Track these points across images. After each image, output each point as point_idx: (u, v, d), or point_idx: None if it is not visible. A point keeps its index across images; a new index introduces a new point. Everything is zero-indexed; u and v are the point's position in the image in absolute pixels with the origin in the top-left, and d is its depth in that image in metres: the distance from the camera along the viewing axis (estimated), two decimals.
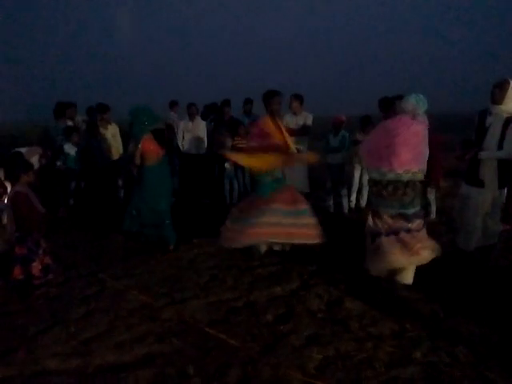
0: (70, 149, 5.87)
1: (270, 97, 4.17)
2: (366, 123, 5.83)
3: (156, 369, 2.47)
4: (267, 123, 4.11)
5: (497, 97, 3.54)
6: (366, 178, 5.92)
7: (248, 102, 7.03)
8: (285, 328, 2.88)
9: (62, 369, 2.50)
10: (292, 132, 5.79)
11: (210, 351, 2.62)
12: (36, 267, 3.35)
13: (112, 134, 6.31)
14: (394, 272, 3.43)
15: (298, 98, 5.85)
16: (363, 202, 6.03)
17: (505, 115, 3.49)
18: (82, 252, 4.50)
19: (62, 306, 3.28)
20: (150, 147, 4.37)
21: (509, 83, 3.48)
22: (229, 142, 6.34)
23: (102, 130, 6.18)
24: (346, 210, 5.87)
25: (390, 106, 6.24)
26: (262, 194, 4.09)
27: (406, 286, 3.43)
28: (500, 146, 3.51)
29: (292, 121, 5.85)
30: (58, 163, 5.84)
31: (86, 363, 2.54)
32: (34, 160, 5.13)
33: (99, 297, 3.42)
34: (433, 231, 4.98)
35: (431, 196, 5.37)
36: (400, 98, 5.40)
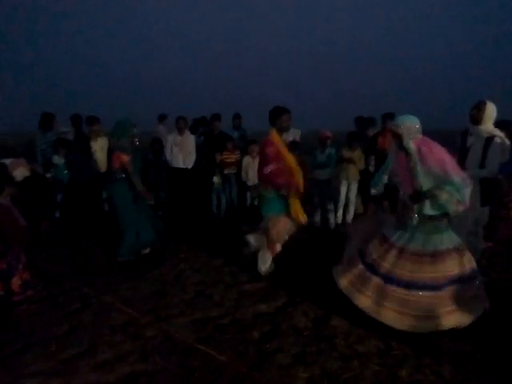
0: (59, 160, 5.82)
1: (280, 114, 3.93)
2: (353, 139, 5.91)
3: None
4: (278, 141, 3.93)
5: (475, 118, 3.65)
6: (352, 193, 5.98)
7: (237, 116, 7.08)
8: (271, 346, 2.85)
9: None
10: None
11: (195, 370, 2.58)
12: (16, 283, 3.27)
13: (101, 146, 6.26)
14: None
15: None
16: (349, 218, 6.06)
17: (485, 135, 3.59)
18: (65, 267, 4.41)
19: (42, 323, 3.20)
20: (120, 159, 4.45)
21: (485, 104, 3.60)
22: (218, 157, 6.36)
23: (91, 143, 6.13)
24: (333, 226, 5.89)
25: (364, 125, 6.44)
26: (279, 211, 3.98)
27: None
28: (482, 165, 3.59)
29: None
30: (48, 175, 5.77)
31: (67, 383, 2.47)
32: (18, 172, 5.06)
33: (82, 313, 3.35)
34: None
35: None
36: (391, 116, 5.52)
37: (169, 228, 5.99)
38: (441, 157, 2.90)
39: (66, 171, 5.86)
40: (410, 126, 2.96)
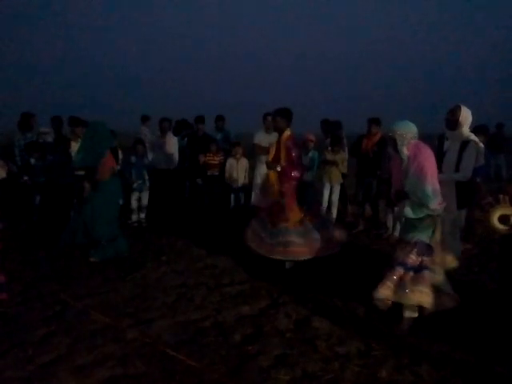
0: (36, 162, 5.69)
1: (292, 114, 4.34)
2: (336, 142, 5.97)
3: None
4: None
5: (450, 122, 3.73)
6: (335, 196, 6.05)
7: (220, 118, 7.08)
8: (253, 349, 2.85)
9: None
10: (265, 150, 5.86)
11: (176, 374, 2.55)
12: None
13: None
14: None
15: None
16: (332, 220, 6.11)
17: (460, 140, 3.68)
18: (44, 270, 4.32)
19: (19, 327, 3.13)
20: (111, 162, 4.65)
21: (460, 109, 3.67)
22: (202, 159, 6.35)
23: (72, 144, 6.02)
24: None
25: (330, 129, 6.55)
26: None
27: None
28: (457, 169, 3.68)
29: (264, 139, 5.93)
30: (25, 177, 5.64)
31: None
32: None
33: (60, 317, 3.28)
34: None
35: (395, 215, 5.50)
36: (376, 120, 5.61)
37: (151, 230, 5.95)
38: (422, 164, 3.01)
39: (41, 173, 5.71)
40: (404, 131, 3.07)
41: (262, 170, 5.91)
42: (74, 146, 6.02)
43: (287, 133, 4.27)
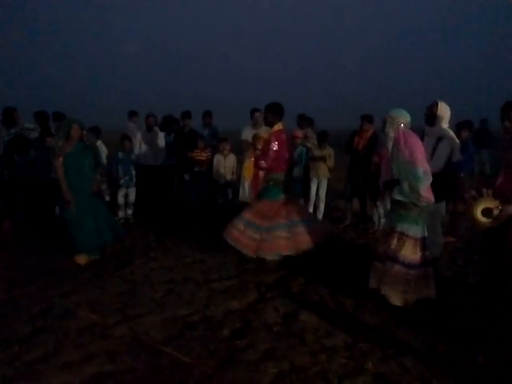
0: (20, 158, 5.59)
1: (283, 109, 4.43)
2: (323, 138, 6.01)
3: None
4: None
5: (428, 118, 3.81)
6: (322, 191, 6.09)
7: (207, 114, 7.05)
8: (241, 343, 2.87)
9: None
10: (252, 146, 5.87)
11: (164, 369, 2.56)
12: None
13: None
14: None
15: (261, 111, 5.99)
16: (319, 215, 6.16)
17: (436, 135, 3.76)
18: (29, 267, 4.27)
19: (5, 325, 3.09)
20: None
21: (437, 105, 3.76)
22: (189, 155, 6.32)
23: (57, 140, 5.93)
24: None
25: (305, 123, 6.65)
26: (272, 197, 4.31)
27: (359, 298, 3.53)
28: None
29: (252, 134, 5.92)
30: (6, 174, 5.54)
31: None
32: None
33: (47, 315, 3.25)
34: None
35: (380, 210, 5.57)
36: (368, 117, 5.65)
37: (138, 226, 5.92)
38: (412, 148, 3.18)
39: (25, 170, 5.60)
40: (395, 115, 3.29)
41: (248, 165, 5.93)
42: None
43: (277, 127, 4.32)
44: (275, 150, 4.21)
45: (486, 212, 3.21)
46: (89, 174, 4.40)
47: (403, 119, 3.31)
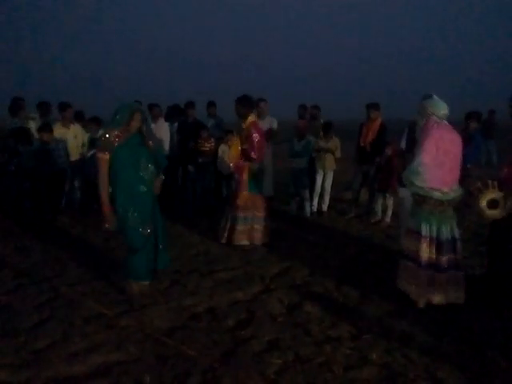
0: (24, 149, 5.58)
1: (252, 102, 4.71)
2: (328, 129, 5.96)
3: (112, 379, 2.39)
4: None
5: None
6: (328, 182, 6.07)
7: (211, 104, 7.00)
8: (245, 333, 2.88)
9: (12, 381, 2.38)
10: None
11: (168, 359, 2.57)
12: None
13: (74, 133, 6.06)
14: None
15: (266, 101, 5.97)
16: (325, 207, 6.14)
17: None
18: (35, 257, 4.30)
19: (12, 314, 3.12)
20: None
21: (432, 97, 3.72)
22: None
23: (62, 130, 5.92)
24: (309, 214, 5.96)
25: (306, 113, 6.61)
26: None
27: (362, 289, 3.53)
28: None
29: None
30: (13, 162, 5.55)
31: (37, 375, 2.42)
32: None
33: (53, 304, 3.28)
34: (387, 234, 5.17)
35: (389, 201, 5.55)
36: (374, 105, 5.60)
37: None
38: (426, 138, 3.14)
39: (29, 159, 5.59)
40: (427, 104, 3.25)
41: None
42: (66, 132, 5.94)
43: (250, 119, 4.53)
44: (258, 141, 4.44)
45: (492, 203, 3.18)
46: (148, 175, 3.33)
47: (433, 109, 3.21)
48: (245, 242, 4.64)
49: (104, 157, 3.14)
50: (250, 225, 4.63)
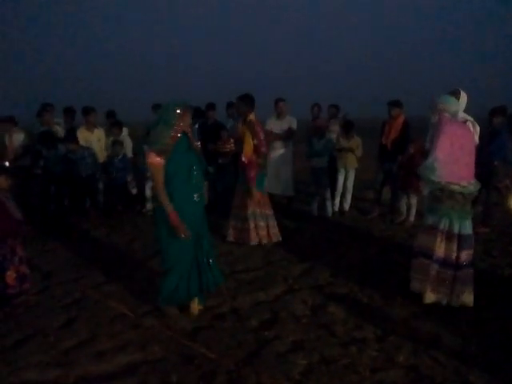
0: (49, 153, 5.72)
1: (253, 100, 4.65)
2: (349, 129, 5.90)
3: (138, 378, 2.43)
4: None
5: None
6: (350, 181, 6.00)
7: (231, 105, 7.02)
8: (269, 334, 2.87)
9: (41, 380, 2.44)
10: (277, 136, 5.83)
11: (194, 359, 2.59)
12: (10, 276, 3.25)
13: (98, 137, 6.17)
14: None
15: (285, 101, 5.95)
16: (347, 206, 6.08)
17: (459, 120, 3.67)
18: (62, 259, 4.40)
19: (41, 314, 3.20)
20: None
21: (460, 92, 3.70)
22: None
23: (86, 134, 6.04)
24: (330, 214, 5.91)
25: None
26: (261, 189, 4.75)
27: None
28: None
29: (276, 125, 5.88)
30: (38, 165, 5.69)
31: (66, 373, 2.48)
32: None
33: (80, 305, 3.35)
34: (410, 234, 5.07)
35: (413, 200, 5.45)
36: (395, 103, 5.51)
37: None
38: (440, 134, 3.11)
39: (55, 163, 5.72)
40: (439, 101, 3.26)
41: (273, 156, 5.90)
42: (90, 136, 6.05)
43: (251, 117, 4.56)
44: (263, 138, 4.60)
45: None
46: (200, 182, 3.03)
47: (447, 107, 3.22)
48: (265, 241, 4.68)
49: (160, 162, 2.77)
50: (264, 222, 4.70)
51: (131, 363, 2.57)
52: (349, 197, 6.07)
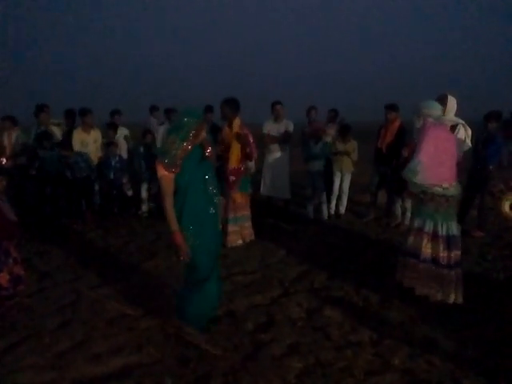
0: (45, 153, 5.70)
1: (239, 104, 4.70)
2: (346, 132, 5.93)
3: (134, 380, 2.42)
4: None
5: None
6: (346, 185, 6.02)
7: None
8: (265, 337, 2.87)
9: (35, 382, 2.43)
10: (274, 139, 5.85)
11: (190, 361, 2.59)
12: (3, 277, 3.24)
13: (94, 138, 6.16)
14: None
15: (282, 104, 5.96)
16: (343, 209, 6.10)
17: (449, 123, 3.73)
18: (57, 260, 4.38)
19: (36, 316, 3.18)
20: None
21: (447, 97, 3.78)
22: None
23: (83, 135, 6.02)
24: (326, 217, 5.92)
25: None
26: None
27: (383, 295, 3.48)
28: None
29: (273, 128, 5.90)
30: (34, 165, 5.67)
31: (61, 376, 2.47)
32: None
33: (75, 306, 3.33)
34: None
35: (408, 204, 5.46)
36: (392, 106, 5.54)
37: (162, 219, 5.99)
38: (423, 138, 3.22)
39: (51, 165, 5.69)
40: (423, 106, 3.36)
41: (270, 159, 5.91)
42: (86, 137, 6.04)
43: (237, 122, 4.60)
44: (253, 141, 4.62)
45: None
46: (215, 193, 2.78)
47: (430, 111, 3.32)
48: (239, 242, 4.80)
49: (169, 175, 2.54)
50: (239, 225, 4.79)
51: (126, 365, 2.56)
52: (345, 200, 6.09)
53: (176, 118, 2.66)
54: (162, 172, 2.54)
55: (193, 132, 2.55)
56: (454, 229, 3.28)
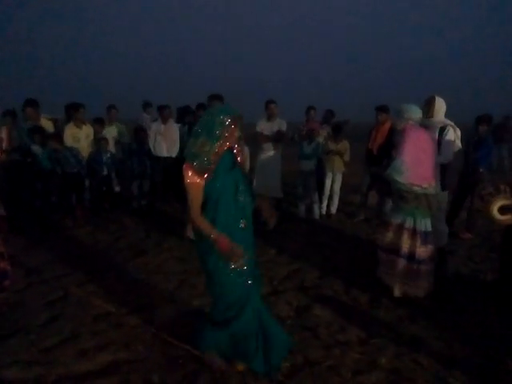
0: (37, 149, 5.63)
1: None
2: (338, 131, 5.95)
3: (120, 377, 2.41)
4: None
5: (427, 111, 3.82)
6: (337, 185, 6.04)
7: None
8: None
9: (21, 378, 2.40)
10: (267, 138, 5.84)
11: (178, 358, 2.58)
12: None
13: (86, 134, 6.10)
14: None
15: (276, 103, 5.94)
16: (334, 209, 6.12)
17: (438, 125, 3.77)
18: (45, 256, 4.34)
19: (22, 312, 3.15)
20: None
21: (435, 99, 3.82)
22: None
23: (75, 130, 5.96)
24: (317, 216, 5.94)
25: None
26: None
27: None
28: (438, 153, 3.70)
29: (266, 127, 5.89)
30: (24, 164, 5.59)
31: (47, 372, 2.45)
32: None
33: (63, 303, 3.31)
34: None
35: None
36: (382, 108, 5.56)
37: (152, 217, 5.96)
38: (405, 139, 3.34)
39: (44, 159, 5.63)
40: (404, 110, 3.46)
41: (263, 157, 5.90)
42: (78, 132, 5.98)
43: None
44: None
45: (504, 209, 3.15)
46: (248, 205, 2.37)
47: (409, 114, 3.43)
48: None
49: (200, 183, 2.19)
50: None
51: (114, 362, 2.55)
52: (336, 200, 6.12)
53: (203, 118, 2.34)
54: (191, 178, 2.19)
55: (225, 132, 2.21)
56: (429, 225, 3.42)
